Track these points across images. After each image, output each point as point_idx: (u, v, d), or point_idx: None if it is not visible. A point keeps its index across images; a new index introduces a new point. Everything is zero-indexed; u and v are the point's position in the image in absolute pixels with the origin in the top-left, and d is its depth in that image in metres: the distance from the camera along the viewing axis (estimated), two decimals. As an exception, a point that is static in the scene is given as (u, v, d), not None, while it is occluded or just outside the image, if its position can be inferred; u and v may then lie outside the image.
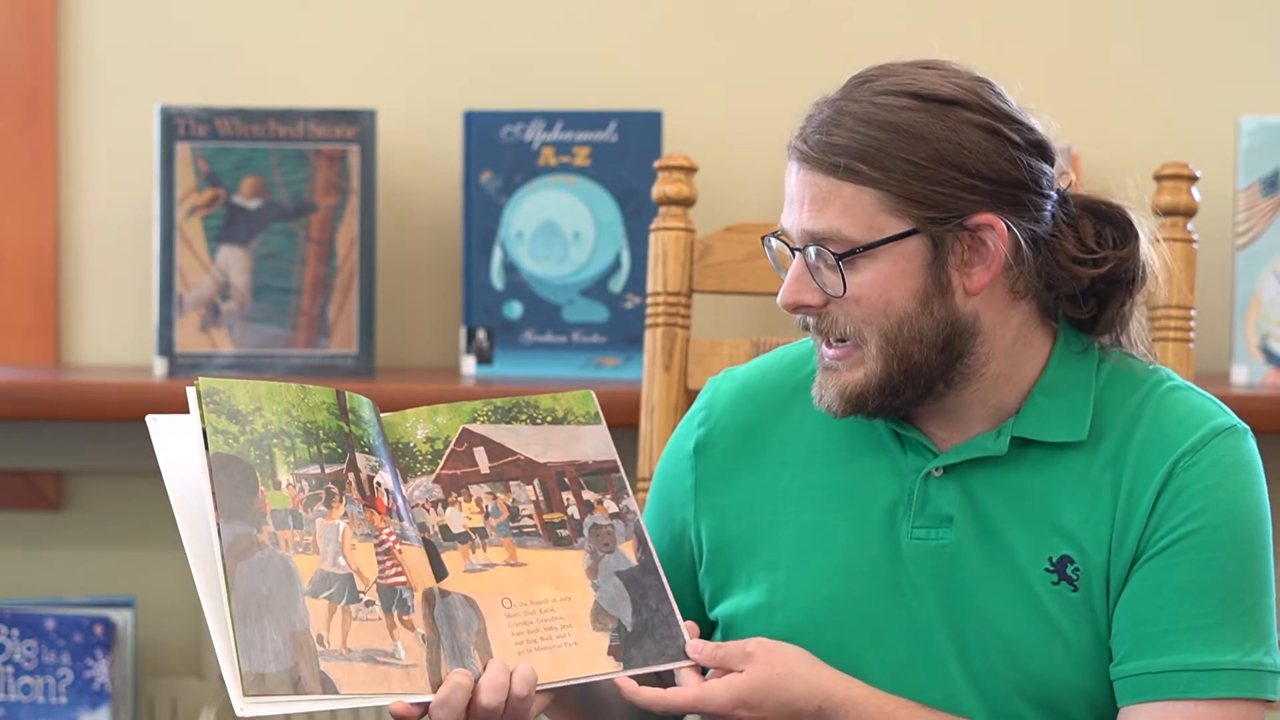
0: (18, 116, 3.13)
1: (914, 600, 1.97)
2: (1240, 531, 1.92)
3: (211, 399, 1.89)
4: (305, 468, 1.90)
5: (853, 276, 1.91)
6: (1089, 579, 1.94)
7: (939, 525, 1.97)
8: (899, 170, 1.89)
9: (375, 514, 1.91)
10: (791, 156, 1.95)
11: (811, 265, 1.93)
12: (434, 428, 2.00)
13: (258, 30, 3.13)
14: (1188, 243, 2.45)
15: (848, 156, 1.90)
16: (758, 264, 2.52)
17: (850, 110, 1.92)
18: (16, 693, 3.05)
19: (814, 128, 1.93)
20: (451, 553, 1.94)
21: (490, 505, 1.98)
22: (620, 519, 2.01)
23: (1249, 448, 1.97)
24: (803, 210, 1.92)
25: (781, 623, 2.01)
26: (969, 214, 1.90)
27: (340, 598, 1.86)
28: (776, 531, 2.04)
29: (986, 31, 3.09)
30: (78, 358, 3.16)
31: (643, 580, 1.98)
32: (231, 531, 1.84)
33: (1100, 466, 1.95)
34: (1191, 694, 1.89)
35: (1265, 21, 3.08)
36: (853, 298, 1.92)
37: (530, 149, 3.03)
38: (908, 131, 1.90)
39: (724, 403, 2.11)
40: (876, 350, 1.92)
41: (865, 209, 1.90)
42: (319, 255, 3.03)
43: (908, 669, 1.97)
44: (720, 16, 3.11)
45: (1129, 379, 2.00)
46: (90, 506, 3.18)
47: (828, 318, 1.94)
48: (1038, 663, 1.95)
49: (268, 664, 1.80)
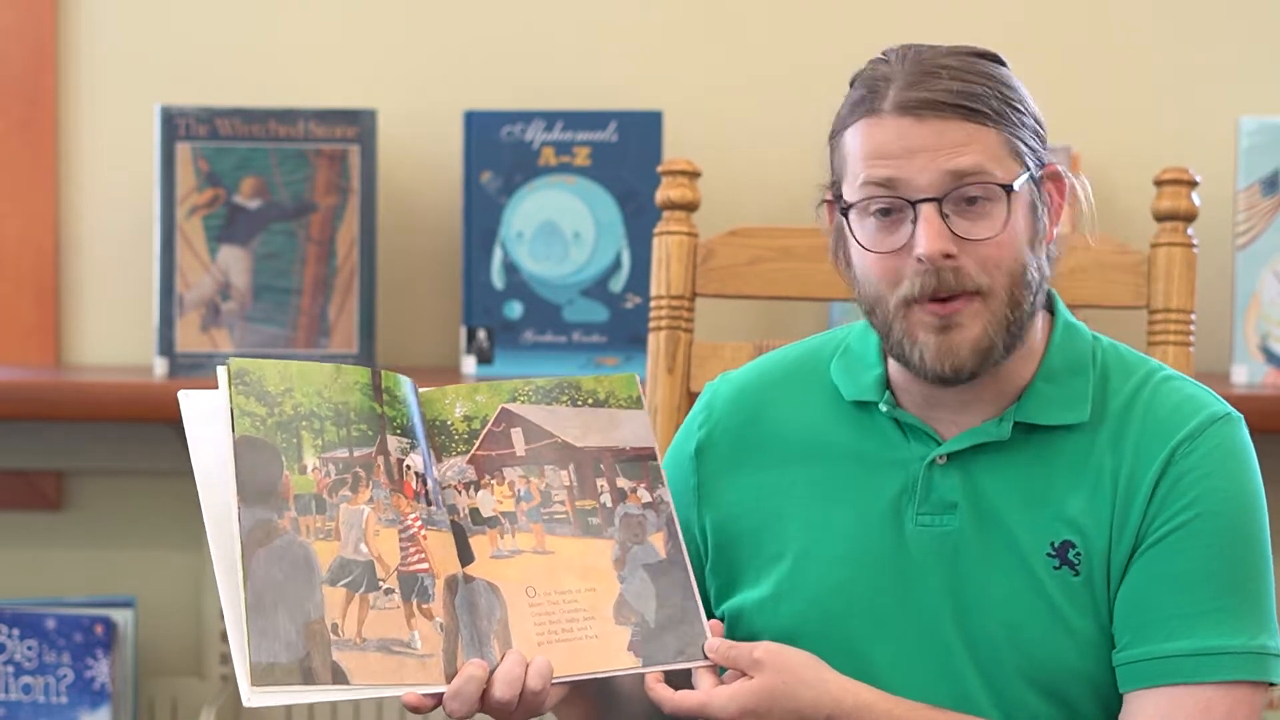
0: (18, 116, 3.12)
1: (920, 587, 1.98)
2: (1238, 517, 1.94)
3: (241, 379, 1.88)
4: (333, 451, 1.88)
5: (1002, 218, 1.91)
6: (1090, 564, 1.95)
7: (943, 512, 1.98)
8: (1010, 115, 1.92)
9: (402, 499, 1.90)
10: (900, 111, 1.91)
11: (944, 213, 1.91)
12: (473, 406, 1.98)
13: (258, 30, 3.12)
14: (1188, 247, 2.45)
15: (975, 101, 1.91)
16: (760, 267, 2.53)
17: (942, 64, 1.93)
18: (17, 692, 3.05)
19: (917, 81, 1.92)
20: (480, 537, 1.93)
21: (523, 489, 1.96)
22: (653, 509, 1.99)
23: (1243, 435, 1.99)
24: (937, 156, 1.90)
25: (788, 613, 2.02)
26: (1046, 164, 1.96)
27: (359, 586, 1.84)
28: (782, 525, 2.04)
29: (987, 32, 3.09)
30: (78, 358, 3.16)
31: (670, 574, 1.97)
32: (252, 517, 1.83)
33: (1100, 451, 1.97)
34: (1197, 678, 1.91)
35: (1265, 21, 3.08)
36: (1000, 240, 1.91)
37: (530, 149, 3.03)
38: (1001, 80, 1.94)
39: (723, 403, 2.12)
40: (1004, 297, 1.92)
41: (999, 151, 1.92)
42: (319, 255, 3.03)
43: (914, 656, 1.98)
44: (720, 16, 3.11)
45: (1124, 365, 2.02)
46: (90, 506, 3.18)
47: (955, 271, 1.91)
48: (1041, 648, 1.95)
49: (278, 654, 1.79)
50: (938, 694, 1.97)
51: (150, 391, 2.94)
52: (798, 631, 2.00)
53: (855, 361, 2.05)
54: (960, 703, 1.96)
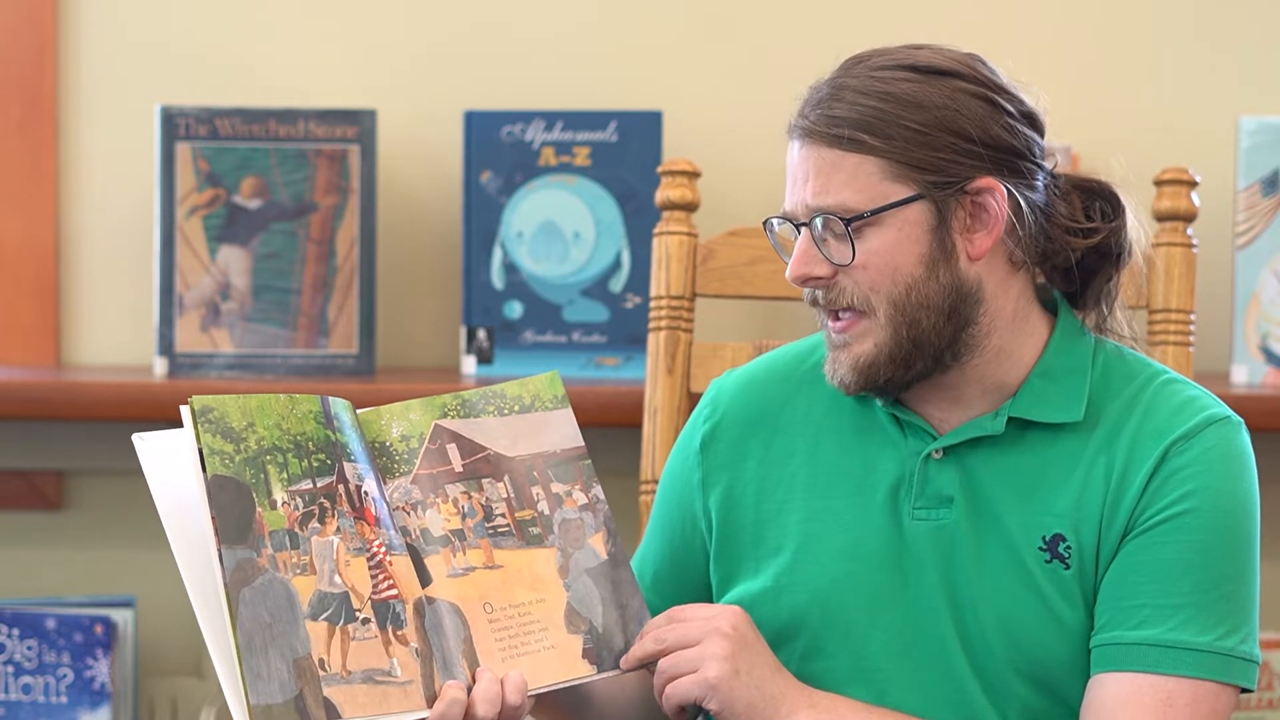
0: (18, 116, 3.12)
1: (916, 580, 2.00)
2: (1227, 519, 1.95)
3: (206, 418, 1.86)
4: (298, 483, 1.88)
5: (861, 244, 1.94)
6: (1081, 558, 1.97)
7: (940, 506, 2.00)
8: (901, 137, 1.93)
9: (365, 525, 1.90)
10: (792, 135, 1.99)
11: (818, 237, 1.96)
12: (408, 425, 1.99)
13: (258, 30, 3.12)
14: (1187, 247, 2.45)
15: (850, 127, 1.94)
16: (760, 267, 2.53)
17: (849, 85, 1.96)
18: (17, 692, 3.05)
19: (814, 105, 1.97)
20: (434, 557, 1.94)
21: (466, 505, 1.97)
22: (590, 510, 2.01)
23: (1242, 439, 2.00)
24: (807, 185, 1.96)
25: (788, 605, 2.04)
26: (970, 179, 1.95)
27: (338, 618, 1.85)
28: (783, 518, 2.07)
29: (987, 32, 3.09)
30: (78, 358, 3.16)
31: (612, 575, 1.99)
32: (233, 557, 1.82)
33: (1094, 450, 1.98)
34: (1160, 669, 1.92)
35: (1265, 21, 3.08)
36: (861, 265, 1.95)
37: (530, 149, 3.03)
38: (907, 100, 1.94)
39: (729, 397, 2.14)
40: (885, 318, 1.96)
41: (869, 178, 1.94)
42: (319, 255, 3.03)
43: (910, 648, 2.00)
44: (720, 16, 3.11)
45: (1125, 368, 2.04)
46: (90, 506, 3.18)
47: (835, 289, 1.97)
48: (1032, 641, 1.97)
49: (274, 695, 1.79)
50: (932, 685, 1.99)
51: (150, 391, 2.94)
52: (798, 623, 2.02)
53: None
54: (953, 693, 1.99)
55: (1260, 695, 3.04)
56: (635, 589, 2.00)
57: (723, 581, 2.10)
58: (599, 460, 2.08)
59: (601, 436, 2.41)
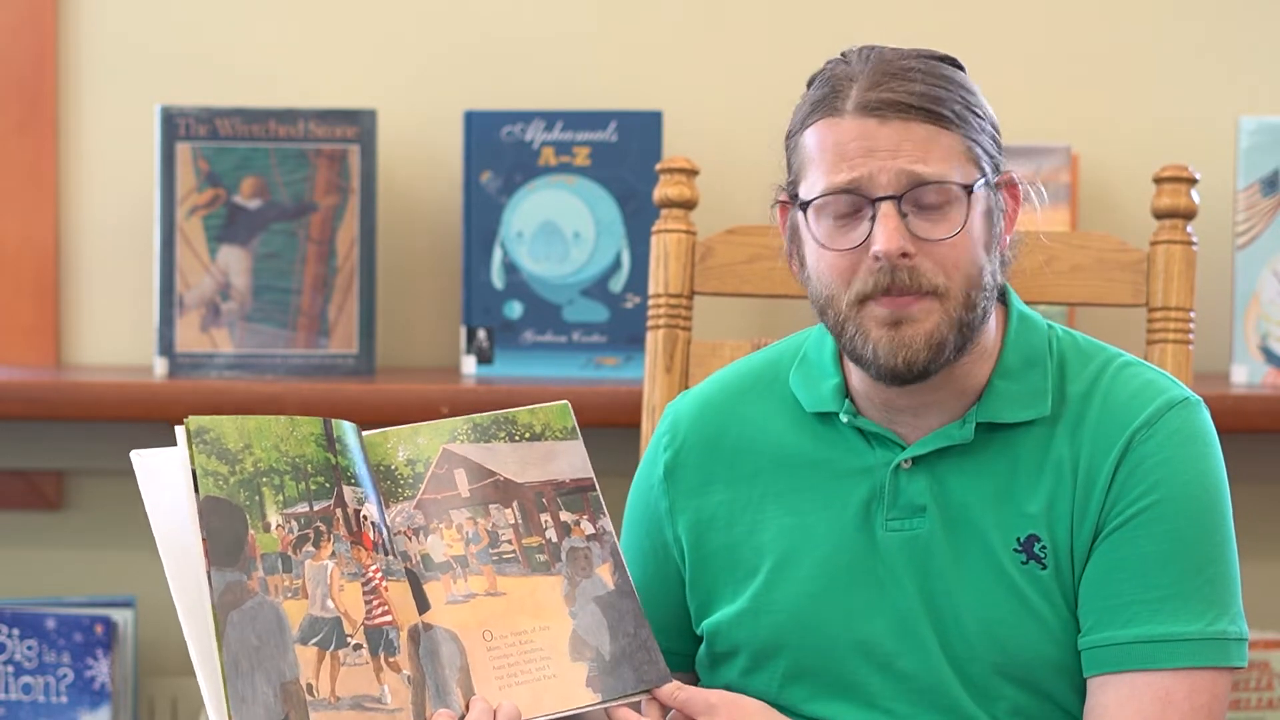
0: (18, 116, 3.13)
1: (894, 591, 2.00)
2: (1198, 503, 1.95)
3: (201, 438, 1.86)
4: (294, 506, 1.87)
5: (960, 220, 1.92)
6: (1056, 556, 1.97)
7: (912, 516, 2.00)
8: (970, 120, 1.94)
9: (362, 550, 1.89)
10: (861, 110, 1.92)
11: (903, 212, 1.92)
12: (415, 449, 1.98)
13: (258, 30, 3.13)
14: (1187, 245, 2.45)
15: (938, 104, 1.92)
16: (759, 266, 2.53)
17: (907, 66, 1.93)
18: (17, 692, 3.05)
19: (879, 81, 1.93)
20: (434, 583, 1.93)
21: (471, 531, 1.96)
22: (597, 540, 2.00)
23: (1203, 419, 2.00)
24: (896, 157, 1.91)
25: (767, 625, 2.03)
26: (1002, 170, 1.98)
27: (329, 643, 1.84)
28: (756, 539, 2.06)
29: (986, 32, 3.09)
30: (78, 358, 3.16)
31: (619, 605, 1.98)
32: (223, 579, 1.82)
33: (1059, 443, 1.98)
34: (1156, 665, 1.92)
35: (1265, 21, 3.08)
36: (957, 241, 1.92)
37: (530, 149, 3.03)
38: (963, 86, 1.95)
39: (687, 422, 2.12)
40: (960, 299, 1.93)
41: (959, 154, 1.93)
42: (319, 255, 3.03)
43: (894, 659, 1.99)
44: (720, 16, 3.11)
45: (1080, 353, 2.04)
46: (90, 506, 3.18)
47: (911, 270, 1.92)
48: (1015, 642, 1.97)
49: (259, 719, 1.78)
50: (918, 694, 1.98)
51: (150, 391, 2.94)
52: (778, 643, 2.02)
53: (813, 370, 2.06)
54: (940, 700, 1.98)
55: (1260, 695, 3.04)
56: (643, 619, 1.98)
57: (701, 607, 2.09)
58: (599, 460, 2.08)
59: (601, 436, 2.41)
